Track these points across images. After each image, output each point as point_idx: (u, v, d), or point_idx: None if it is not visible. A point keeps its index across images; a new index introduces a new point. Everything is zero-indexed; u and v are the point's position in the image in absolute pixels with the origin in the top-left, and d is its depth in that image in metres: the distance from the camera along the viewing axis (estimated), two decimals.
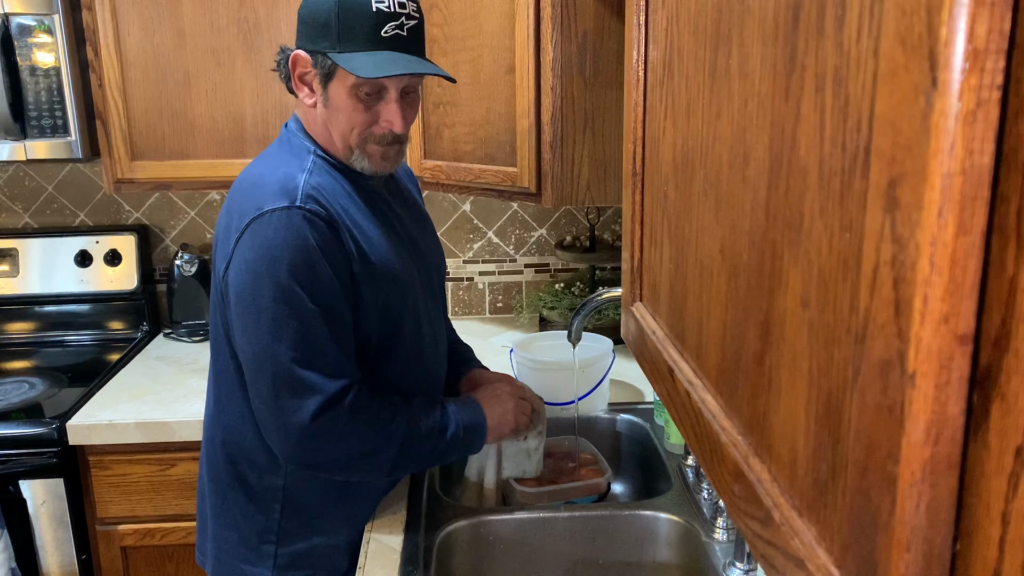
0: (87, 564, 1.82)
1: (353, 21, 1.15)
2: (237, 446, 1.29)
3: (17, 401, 1.86)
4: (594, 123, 1.69)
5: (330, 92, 1.20)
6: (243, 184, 1.22)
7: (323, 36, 1.17)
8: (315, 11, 1.18)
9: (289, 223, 1.13)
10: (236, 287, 1.16)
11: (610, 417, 1.74)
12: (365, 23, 1.15)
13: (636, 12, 0.78)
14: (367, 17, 1.15)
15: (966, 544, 0.32)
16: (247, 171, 1.26)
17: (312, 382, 1.13)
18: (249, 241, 1.14)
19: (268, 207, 1.14)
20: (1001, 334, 0.30)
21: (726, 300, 0.56)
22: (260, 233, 1.13)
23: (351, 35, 1.16)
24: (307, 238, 1.13)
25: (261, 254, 1.13)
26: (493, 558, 1.36)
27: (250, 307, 1.14)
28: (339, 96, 1.20)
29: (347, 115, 1.21)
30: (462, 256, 2.40)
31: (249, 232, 1.14)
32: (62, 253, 2.23)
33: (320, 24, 1.17)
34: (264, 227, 1.13)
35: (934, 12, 0.29)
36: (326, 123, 1.24)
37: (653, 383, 0.76)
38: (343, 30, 1.15)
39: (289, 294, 1.12)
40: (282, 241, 1.12)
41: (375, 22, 1.15)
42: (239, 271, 1.15)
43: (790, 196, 0.44)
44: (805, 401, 0.43)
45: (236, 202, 1.20)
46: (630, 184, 0.83)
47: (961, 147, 0.29)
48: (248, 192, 1.19)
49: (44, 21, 1.87)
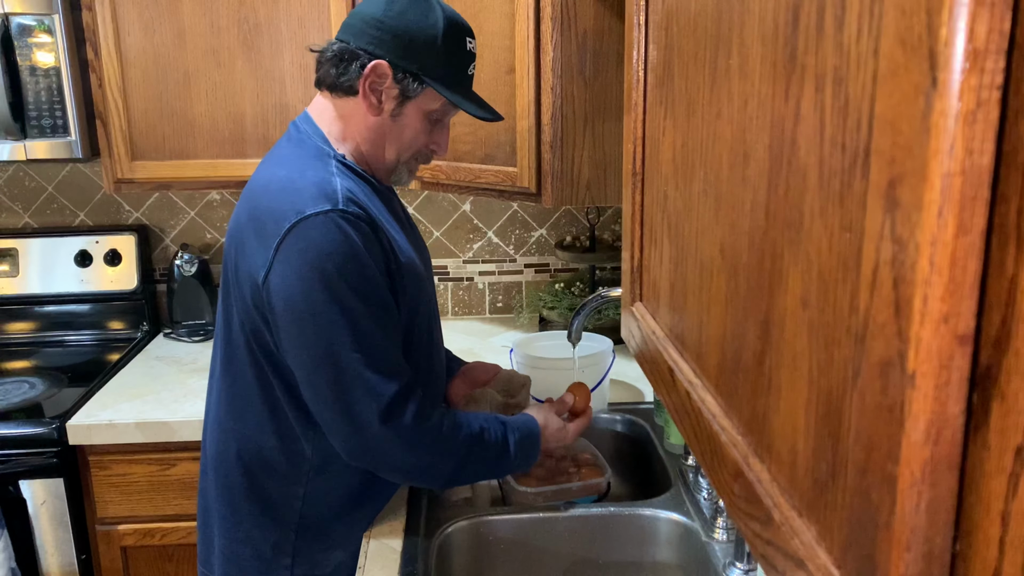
0: (87, 564, 1.82)
1: (455, 55, 1.21)
2: (255, 456, 1.26)
3: (17, 401, 1.86)
4: (594, 123, 1.69)
5: (406, 110, 1.22)
6: (270, 187, 1.18)
7: (421, 57, 1.19)
8: (416, 30, 1.18)
9: (335, 226, 1.11)
10: (284, 294, 1.13)
11: (610, 417, 1.74)
12: (463, 59, 1.23)
13: (636, 12, 0.78)
14: (464, 54, 1.23)
15: (966, 544, 0.32)
16: (269, 174, 1.21)
17: (372, 383, 1.13)
18: (294, 245, 1.12)
19: (310, 211, 1.11)
20: (1001, 334, 0.30)
21: (726, 300, 0.56)
22: (305, 237, 1.11)
23: (451, 67, 1.21)
24: (353, 240, 1.12)
25: (308, 258, 1.11)
26: (493, 558, 1.36)
27: (303, 312, 1.12)
28: (414, 116, 1.23)
29: (413, 135, 1.24)
30: (462, 256, 2.40)
31: (292, 236, 1.12)
32: (62, 253, 2.23)
33: (421, 45, 1.18)
34: (309, 231, 1.11)
35: (934, 12, 0.29)
36: (383, 135, 1.24)
37: (653, 383, 0.76)
38: (446, 59, 1.20)
39: (342, 296, 1.11)
40: (329, 244, 1.11)
41: (466, 60, 1.24)
42: (285, 276, 1.12)
43: (790, 196, 0.44)
44: (805, 401, 0.43)
45: (265, 206, 1.16)
46: (630, 184, 0.83)
47: (961, 147, 0.29)
48: (280, 196, 1.15)
49: (44, 21, 1.87)
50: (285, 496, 1.26)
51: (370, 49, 1.20)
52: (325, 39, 1.87)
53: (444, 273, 2.40)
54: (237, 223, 1.22)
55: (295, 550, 1.27)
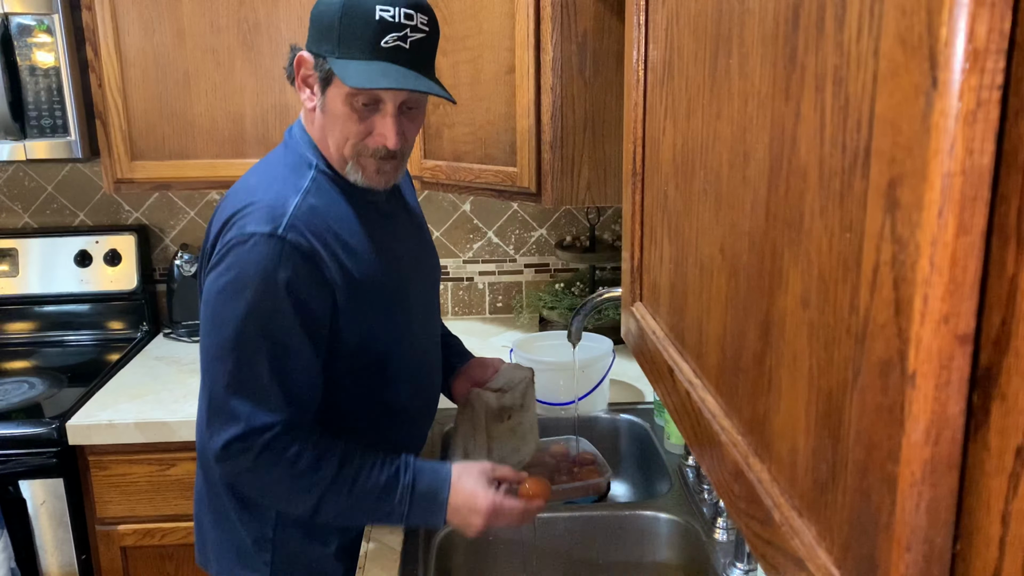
0: (87, 564, 1.82)
1: (355, 27, 1.12)
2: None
3: (17, 401, 1.86)
4: (594, 123, 1.69)
5: (327, 97, 1.18)
6: (239, 192, 1.20)
7: (326, 39, 1.14)
8: (322, 12, 1.15)
9: (265, 252, 1.11)
10: (204, 300, 1.17)
11: (610, 417, 1.74)
12: (366, 30, 1.11)
13: (636, 12, 0.78)
14: (369, 24, 1.11)
15: (966, 544, 0.32)
16: (247, 177, 1.24)
17: (236, 411, 1.13)
18: (226, 259, 1.14)
19: (250, 230, 1.12)
20: (1001, 334, 0.30)
21: (726, 300, 0.56)
22: (236, 256, 1.13)
23: (351, 41, 1.12)
24: (277, 272, 1.11)
25: (231, 278, 1.13)
26: (493, 558, 1.36)
27: (209, 323, 1.15)
28: (335, 103, 1.17)
29: (342, 124, 1.18)
30: (462, 256, 2.40)
31: (228, 250, 1.14)
32: (62, 253, 2.23)
33: (324, 26, 1.14)
34: (241, 251, 1.12)
35: (934, 12, 0.29)
36: (323, 128, 1.21)
37: (653, 383, 0.76)
38: (344, 35, 1.12)
39: (245, 323, 1.12)
40: (252, 270, 1.11)
41: (376, 30, 1.11)
42: (210, 287, 1.15)
43: (790, 196, 0.44)
44: (805, 401, 0.43)
45: (228, 210, 1.18)
46: (630, 184, 0.83)
47: (961, 147, 0.29)
48: (240, 205, 1.17)
49: (44, 21, 1.87)
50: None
51: (305, 45, 1.20)
52: None
53: (444, 273, 2.40)
54: (213, 218, 1.24)
55: (274, 546, 1.28)
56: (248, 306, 1.12)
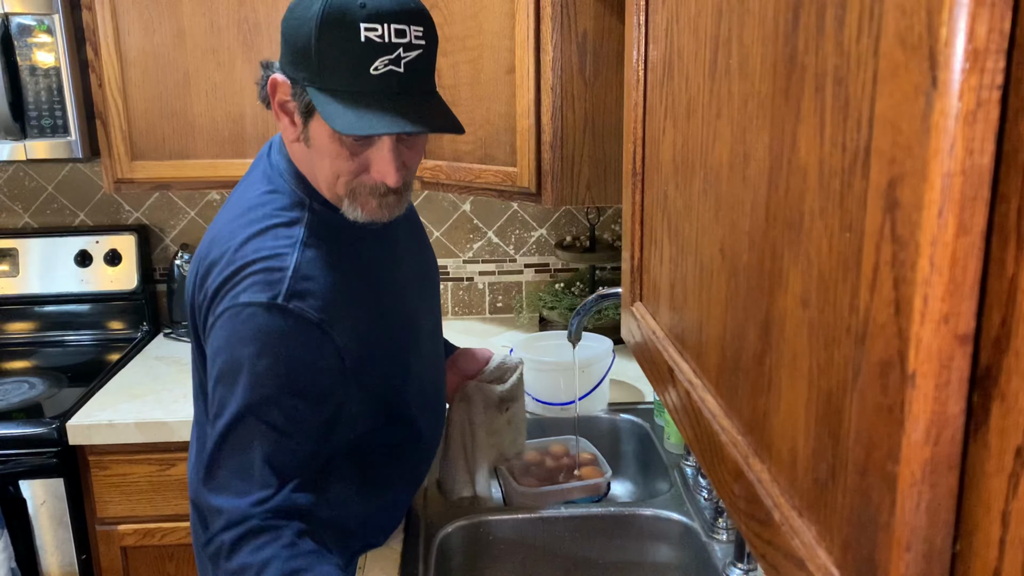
0: (87, 564, 1.82)
1: (336, 51, 0.93)
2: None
3: (17, 401, 1.86)
4: (594, 123, 1.69)
5: (311, 131, 1.00)
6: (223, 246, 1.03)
7: (302, 63, 0.95)
8: (295, 28, 0.95)
9: (264, 327, 0.97)
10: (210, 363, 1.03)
11: (610, 417, 1.74)
12: (350, 55, 0.92)
13: (636, 12, 0.78)
14: (353, 47, 0.92)
15: (966, 544, 0.32)
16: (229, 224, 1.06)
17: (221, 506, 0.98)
18: (224, 328, 1.00)
19: (244, 299, 0.98)
20: (1001, 334, 0.30)
21: (726, 300, 0.56)
22: (232, 328, 0.99)
23: (333, 68, 0.94)
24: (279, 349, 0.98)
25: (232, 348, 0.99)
26: (493, 558, 1.36)
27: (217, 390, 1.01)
28: (321, 138, 0.99)
29: (331, 161, 1.00)
30: (462, 256, 2.40)
31: (225, 318, 1.00)
32: (62, 253, 2.23)
33: (300, 48, 0.95)
34: (236, 323, 0.98)
35: (934, 12, 0.29)
36: (309, 162, 1.05)
37: (653, 383, 0.76)
38: (324, 61, 0.93)
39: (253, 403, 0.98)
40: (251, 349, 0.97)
41: (363, 55, 0.92)
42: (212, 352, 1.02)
43: (790, 196, 0.44)
44: (805, 401, 0.43)
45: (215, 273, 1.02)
46: (630, 184, 0.83)
47: (961, 147, 0.29)
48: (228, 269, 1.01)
49: (44, 21, 1.87)
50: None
51: (279, 64, 1.02)
52: None
53: (444, 273, 2.40)
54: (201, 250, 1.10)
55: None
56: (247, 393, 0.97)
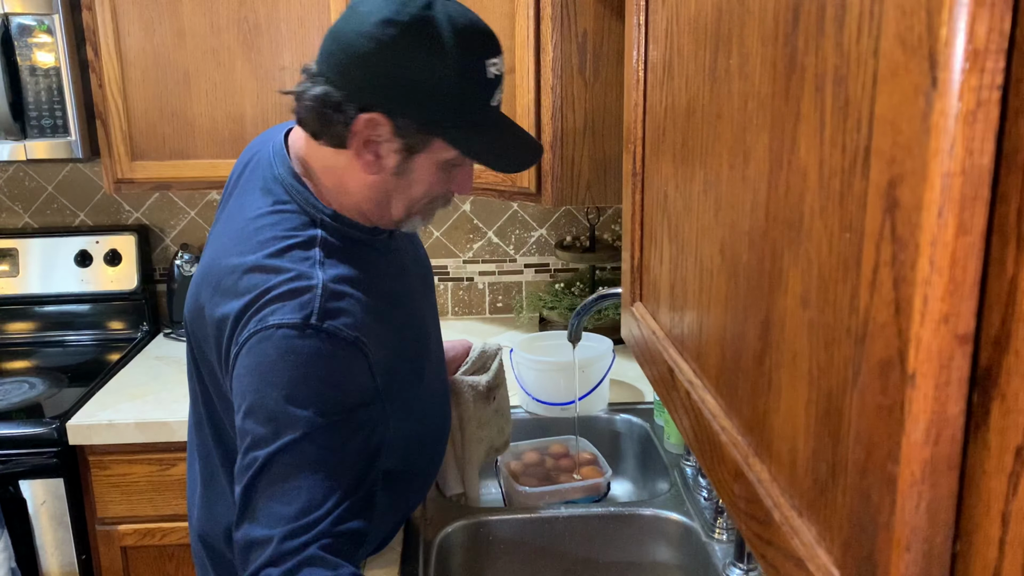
0: (87, 564, 1.82)
1: (472, 91, 0.96)
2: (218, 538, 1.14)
3: (17, 401, 1.86)
4: (594, 123, 1.69)
5: (414, 164, 1.00)
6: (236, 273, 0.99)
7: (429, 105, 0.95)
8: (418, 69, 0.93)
9: (301, 348, 0.93)
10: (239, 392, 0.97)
11: (610, 417, 1.74)
12: (483, 93, 0.96)
13: (636, 12, 0.78)
14: (484, 84, 0.96)
15: (966, 544, 0.32)
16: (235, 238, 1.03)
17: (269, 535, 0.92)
18: (249, 358, 0.95)
19: (274, 321, 0.93)
20: (1001, 334, 0.30)
21: (726, 300, 0.56)
22: (263, 353, 0.93)
23: (468, 108, 0.96)
24: (318, 370, 0.94)
25: (266, 374, 0.93)
26: (493, 558, 1.36)
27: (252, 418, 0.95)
28: (425, 168, 1.01)
29: (427, 187, 1.03)
30: (462, 256, 2.40)
31: (250, 346, 0.95)
32: (62, 253, 2.23)
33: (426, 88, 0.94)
34: (267, 347, 0.93)
35: (934, 12, 0.29)
36: (387, 192, 1.03)
37: (653, 383, 0.76)
38: (461, 103, 0.96)
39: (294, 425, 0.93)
40: (288, 371, 0.93)
41: (490, 90, 0.97)
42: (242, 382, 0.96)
43: (790, 196, 0.44)
44: (805, 401, 0.43)
45: (232, 300, 0.98)
46: (630, 184, 0.83)
47: (961, 147, 0.29)
48: (248, 280, 0.97)
49: (44, 21, 1.87)
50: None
51: (358, 98, 0.95)
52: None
53: (444, 273, 2.40)
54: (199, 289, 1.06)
55: None
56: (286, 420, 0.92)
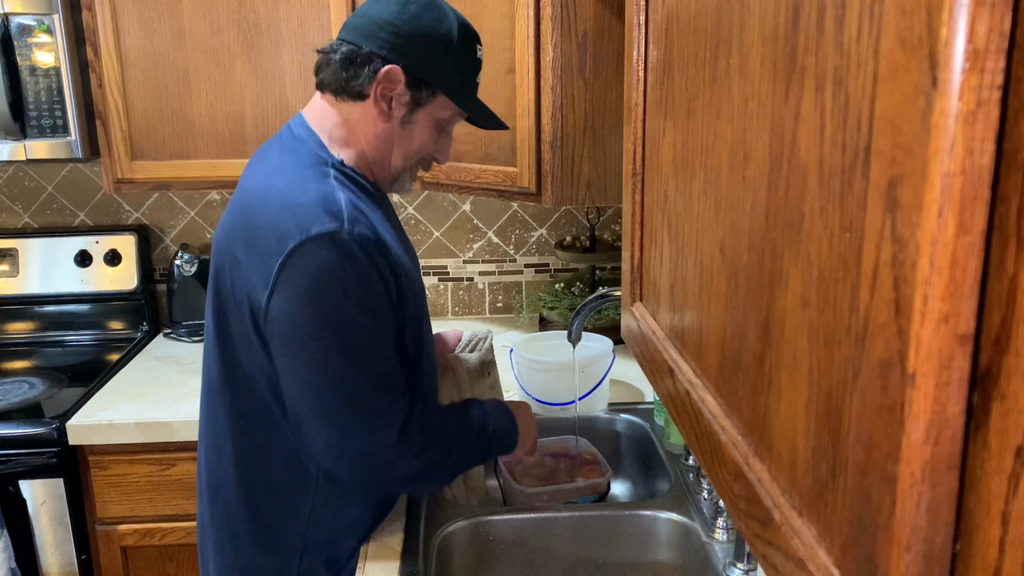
0: (87, 564, 1.82)
1: (467, 63, 1.21)
2: (257, 478, 1.22)
3: (17, 401, 1.86)
4: (594, 123, 1.69)
5: (416, 117, 1.21)
6: (268, 201, 1.12)
7: (435, 66, 1.18)
8: (431, 35, 1.17)
9: (343, 247, 1.07)
10: (289, 317, 1.08)
11: (610, 417, 1.74)
12: (473, 67, 1.23)
13: (636, 12, 0.78)
14: (474, 61, 1.23)
15: (966, 544, 0.32)
16: (266, 184, 1.16)
17: (388, 407, 1.11)
18: (300, 266, 1.07)
19: (316, 230, 1.06)
20: (1001, 334, 0.30)
21: (726, 300, 0.56)
22: (312, 258, 1.06)
23: (462, 76, 1.21)
24: (361, 262, 1.08)
25: (317, 281, 1.06)
26: (493, 558, 1.36)
27: (312, 335, 1.08)
28: (424, 124, 1.22)
29: (422, 141, 1.23)
30: (462, 256, 2.40)
31: (298, 257, 1.06)
32: (62, 253, 2.23)
33: (436, 52, 1.18)
34: (316, 251, 1.06)
35: (934, 12, 0.29)
36: (391, 141, 1.21)
37: (653, 383, 0.76)
38: (459, 69, 1.20)
39: (353, 319, 1.08)
40: (339, 266, 1.07)
41: (477, 68, 1.24)
42: (290, 299, 1.08)
43: (790, 196, 0.44)
44: (805, 401, 0.43)
45: (265, 220, 1.11)
46: (630, 184, 0.83)
47: (961, 147, 0.29)
48: (281, 212, 1.10)
49: (44, 21, 1.87)
50: (288, 518, 1.22)
51: (383, 53, 1.16)
52: (325, 39, 1.88)
53: (444, 273, 2.40)
54: (230, 234, 1.17)
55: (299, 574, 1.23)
56: (349, 301, 1.08)
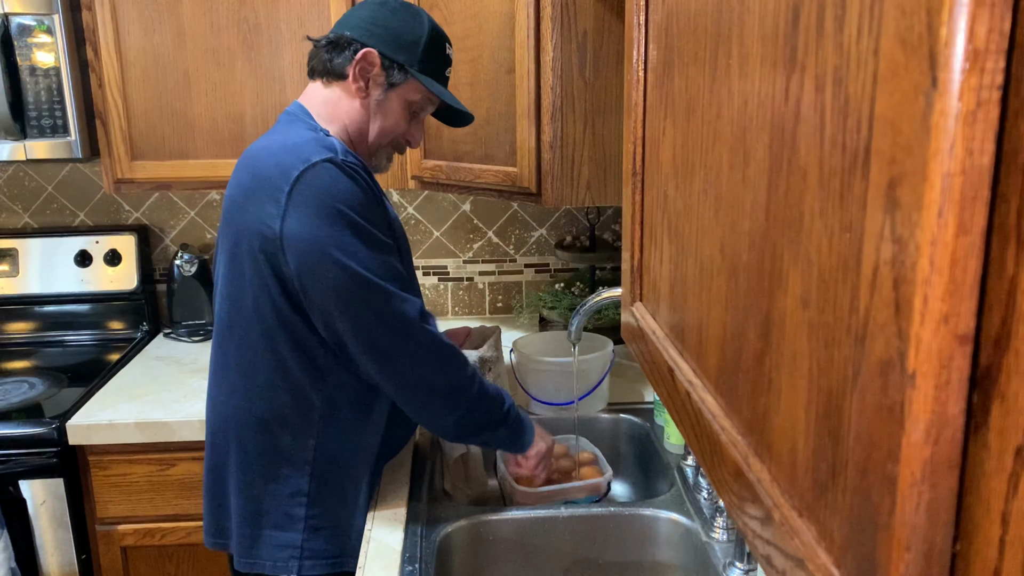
0: (87, 564, 1.82)
1: (437, 53, 1.36)
2: (268, 410, 1.30)
3: (17, 401, 1.86)
4: (594, 123, 1.69)
5: (390, 97, 1.35)
6: (266, 152, 1.25)
7: (405, 51, 1.32)
8: (405, 27, 1.33)
9: (343, 169, 1.19)
10: (304, 235, 1.18)
11: (610, 417, 1.74)
12: (443, 62, 1.38)
13: (636, 12, 0.78)
14: (444, 58, 1.38)
15: (966, 544, 0.32)
16: (265, 141, 1.28)
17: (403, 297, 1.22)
18: (306, 189, 1.18)
19: (316, 158, 1.19)
20: (1001, 334, 0.30)
21: (726, 300, 0.56)
22: (317, 180, 1.18)
23: (433, 64, 1.36)
24: (362, 183, 1.21)
25: (323, 199, 1.18)
26: (493, 558, 1.36)
27: (328, 247, 1.17)
28: (396, 104, 1.35)
29: (394, 121, 1.36)
30: (462, 256, 2.40)
31: (303, 183, 1.18)
32: (62, 253, 2.23)
33: (408, 41, 1.33)
34: (320, 174, 1.18)
35: (934, 12, 0.29)
36: (367, 118, 1.34)
37: (653, 383, 0.76)
38: (428, 57, 1.34)
39: (361, 228, 1.19)
40: (342, 184, 1.19)
41: (446, 64, 1.39)
42: (302, 219, 1.18)
43: (790, 196, 0.44)
44: (805, 401, 0.43)
45: (268, 162, 1.22)
46: (630, 184, 0.83)
47: (961, 147, 0.29)
48: (282, 152, 1.22)
49: (44, 21, 1.87)
50: (298, 447, 1.31)
51: (362, 39, 1.32)
52: None
53: (444, 273, 2.40)
54: (237, 186, 1.27)
55: (309, 500, 1.31)
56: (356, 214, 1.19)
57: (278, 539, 1.32)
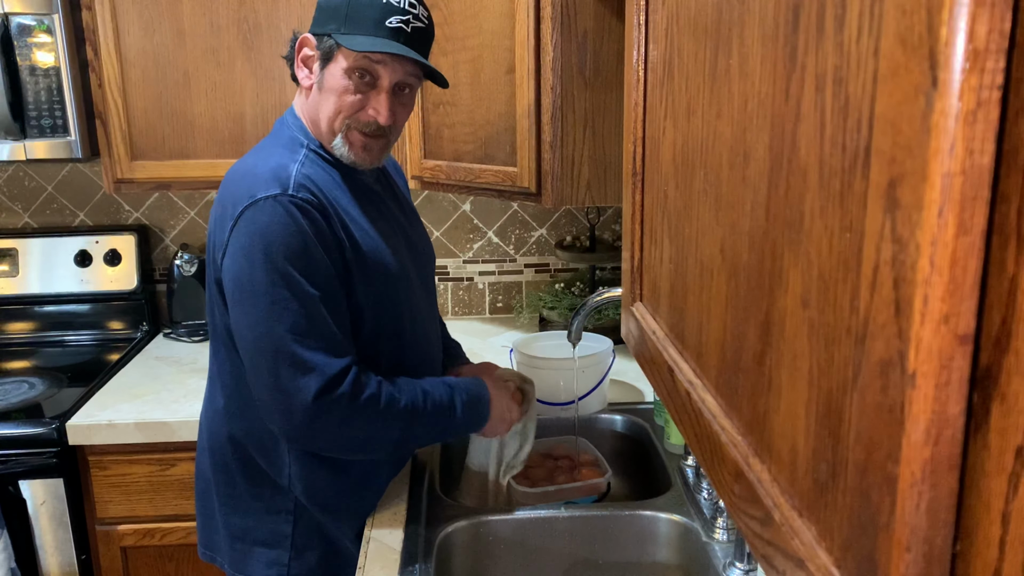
0: (87, 564, 1.82)
1: (362, 6, 1.20)
2: (243, 433, 1.31)
3: (17, 401, 1.86)
4: (594, 123, 1.69)
5: (326, 73, 1.24)
6: (235, 175, 1.24)
7: (332, 18, 1.22)
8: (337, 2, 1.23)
9: (282, 210, 1.15)
10: (233, 273, 1.17)
11: (610, 417, 1.74)
12: (372, 10, 1.20)
13: (636, 12, 0.78)
14: (375, 5, 1.20)
15: (966, 544, 0.32)
16: (240, 163, 1.27)
17: (313, 362, 1.15)
18: (244, 227, 1.16)
19: (261, 194, 1.16)
20: (1001, 334, 0.30)
21: (726, 300, 0.56)
22: (254, 219, 1.15)
23: (358, 18, 1.20)
24: (301, 224, 1.15)
25: (256, 240, 1.15)
26: (493, 558, 1.36)
27: (247, 291, 1.15)
28: (334, 78, 1.23)
29: (338, 97, 1.23)
30: (462, 256, 2.40)
31: (243, 219, 1.16)
32: (62, 253, 2.23)
33: (332, 7, 1.22)
34: (258, 213, 1.15)
35: (934, 12, 0.29)
36: (316, 106, 1.26)
37: (653, 383, 0.76)
38: (352, 13, 1.20)
39: (286, 277, 1.14)
40: (277, 226, 1.14)
41: (382, 11, 1.20)
42: (235, 257, 1.16)
43: (790, 196, 0.44)
44: (805, 401, 0.43)
45: (228, 192, 1.21)
46: (630, 184, 0.83)
47: (961, 147, 0.29)
48: (240, 182, 1.20)
49: (44, 21, 1.87)
50: (276, 470, 1.31)
51: (304, 32, 1.28)
52: None
53: (444, 273, 2.40)
54: (216, 203, 1.26)
55: (295, 517, 1.31)
56: (284, 260, 1.14)
57: (267, 556, 1.32)
